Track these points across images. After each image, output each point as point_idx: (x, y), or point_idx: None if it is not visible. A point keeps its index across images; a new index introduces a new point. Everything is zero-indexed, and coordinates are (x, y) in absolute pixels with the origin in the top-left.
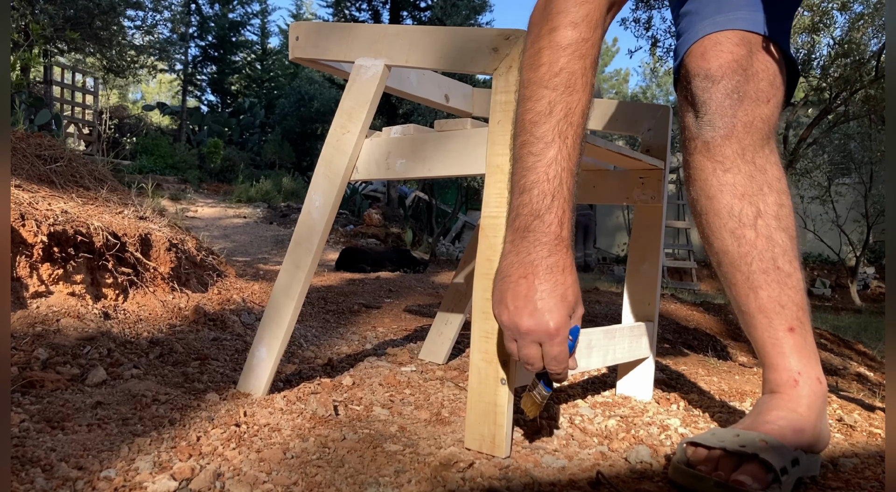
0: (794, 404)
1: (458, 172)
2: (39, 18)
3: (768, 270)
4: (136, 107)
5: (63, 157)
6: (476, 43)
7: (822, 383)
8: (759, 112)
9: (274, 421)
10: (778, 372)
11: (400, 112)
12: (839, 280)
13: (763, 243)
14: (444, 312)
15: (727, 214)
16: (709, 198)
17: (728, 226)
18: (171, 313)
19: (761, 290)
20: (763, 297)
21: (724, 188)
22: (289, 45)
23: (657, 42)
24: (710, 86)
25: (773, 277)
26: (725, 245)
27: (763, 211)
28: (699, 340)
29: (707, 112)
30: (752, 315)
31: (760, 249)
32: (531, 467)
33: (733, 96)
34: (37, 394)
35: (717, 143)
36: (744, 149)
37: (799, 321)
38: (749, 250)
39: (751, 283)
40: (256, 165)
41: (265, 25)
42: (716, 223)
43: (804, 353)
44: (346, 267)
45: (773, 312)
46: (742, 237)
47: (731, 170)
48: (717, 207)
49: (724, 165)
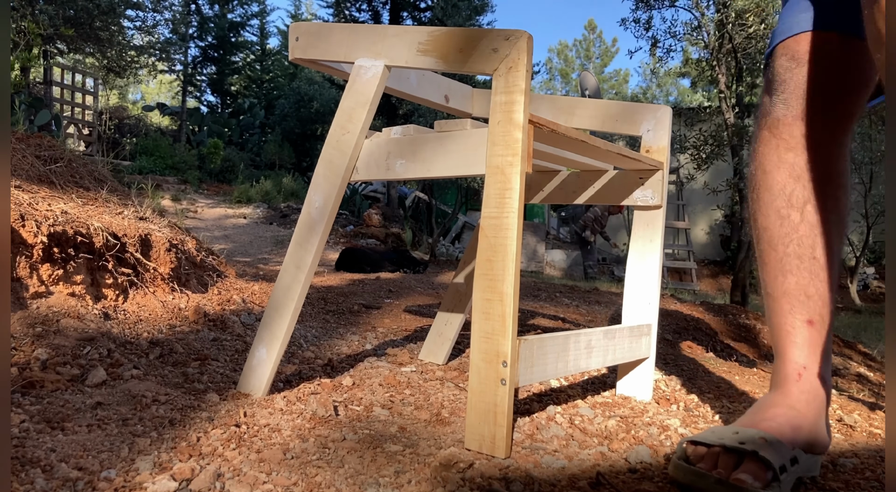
0: (792, 401)
1: (458, 172)
2: (39, 18)
3: (803, 257)
4: (136, 107)
5: (63, 157)
6: (476, 43)
7: (827, 382)
8: (836, 102)
9: (274, 421)
10: (784, 363)
11: (400, 112)
12: (839, 280)
13: (805, 229)
14: (444, 313)
15: (779, 191)
16: (765, 172)
17: (776, 204)
18: (171, 314)
19: (791, 275)
20: (791, 282)
21: (782, 165)
22: (288, 46)
23: (657, 43)
24: (793, 67)
25: (807, 265)
26: (769, 222)
27: (814, 198)
28: (699, 340)
29: (784, 91)
30: (776, 299)
31: (802, 234)
32: (531, 468)
33: (813, 82)
34: (37, 394)
35: (787, 122)
36: (812, 133)
37: (820, 316)
38: (790, 232)
39: (783, 265)
40: (256, 165)
41: (264, 26)
42: (765, 198)
43: (815, 349)
44: (346, 267)
45: (796, 300)
46: (786, 218)
47: (795, 149)
48: (770, 182)
49: (788, 143)
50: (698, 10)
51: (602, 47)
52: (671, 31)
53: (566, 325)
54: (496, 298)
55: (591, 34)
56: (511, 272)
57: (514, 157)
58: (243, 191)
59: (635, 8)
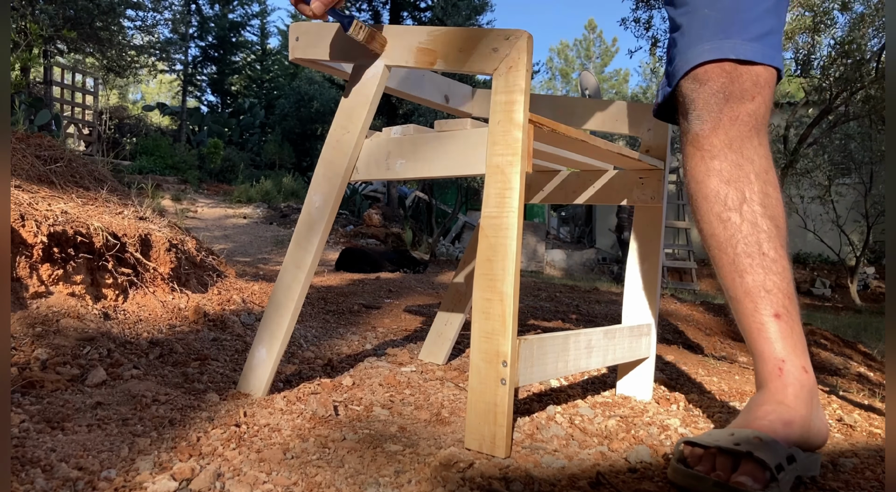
0: (780, 396)
1: (458, 172)
2: (39, 19)
3: (753, 255)
4: (136, 107)
5: (63, 157)
6: (476, 43)
7: (809, 372)
8: (743, 108)
9: (274, 421)
10: (763, 361)
11: (400, 112)
12: (839, 280)
13: (748, 228)
14: (444, 313)
15: (714, 197)
16: (698, 182)
17: (714, 209)
18: (171, 314)
19: (746, 274)
20: (748, 281)
21: (710, 173)
22: (289, 46)
23: (657, 42)
24: (697, 87)
25: (758, 261)
26: (713, 228)
27: (749, 197)
28: (699, 340)
29: (696, 108)
30: (740, 300)
31: (745, 233)
32: (531, 468)
33: (719, 95)
34: (37, 394)
35: (705, 134)
36: (731, 140)
37: (785, 309)
38: (734, 233)
39: (736, 266)
40: (256, 165)
41: (265, 26)
42: (704, 207)
43: (789, 341)
44: (346, 267)
45: (758, 297)
46: (728, 220)
47: (718, 157)
48: (704, 191)
49: (710, 153)
50: None
51: (602, 47)
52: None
53: (566, 325)
54: (496, 297)
55: (592, 34)
56: (511, 272)
57: (514, 156)
58: (243, 191)
59: (635, 8)
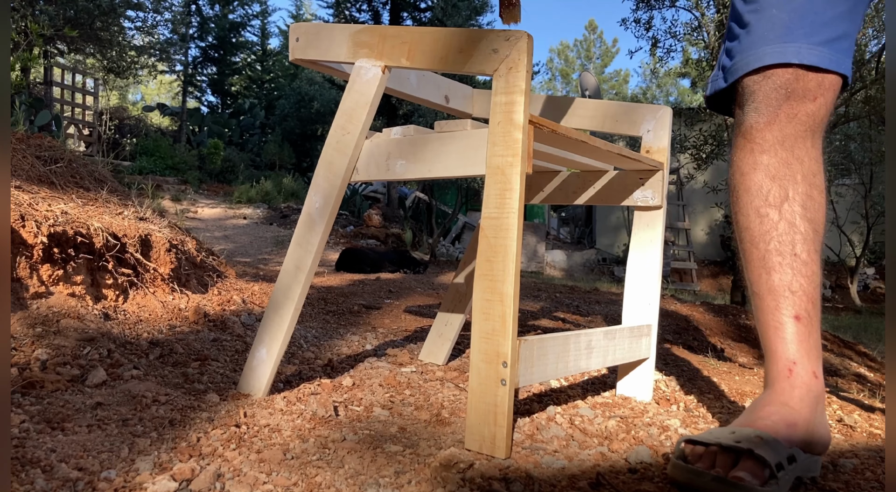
0: (785, 398)
1: (458, 173)
2: (39, 19)
3: (784, 254)
4: (136, 108)
5: (63, 158)
6: (476, 44)
7: (819, 378)
8: (803, 107)
9: (274, 422)
10: (775, 360)
11: (400, 113)
12: (839, 280)
13: (784, 227)
14: (444, 313)
15: (756, 190)
16: (742, 174)
17: (754, 203)
18: (172, 314)
19: (774, 272)
20: (774, 279)
21: (757, 167)
22: (289, 47)
23: (657, 43)
24: (761, 79)
25: (789, 261)
26: (749, 221)
27: (791, 197)
28: (699, 340)
29: (754, 101)
30: (762, 297)
31: (781, 231)
32: (531, 468)
33: (780, 91)
34: (37, 395)
35: (759, 127)
36: (784, 136)
37: (807, 313)
38: (769, 230)
39: (765, 263)
40: (256, 165)
41: (265, 26)
42: (744, 199)
43: (805, 344)
44: (346, 268)
45: (781, 296)
46: (765, 216)
47: (768, 152)
48: (748, 183)
49: (761, 146)
50: (698, 10)
51: (602, 47)
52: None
53: (566, 325)
54: (496, 298)
55: (592, 34)
56: (511, 273)
57: (515, 157)
58: (243, 191)
59: (636, 8)
